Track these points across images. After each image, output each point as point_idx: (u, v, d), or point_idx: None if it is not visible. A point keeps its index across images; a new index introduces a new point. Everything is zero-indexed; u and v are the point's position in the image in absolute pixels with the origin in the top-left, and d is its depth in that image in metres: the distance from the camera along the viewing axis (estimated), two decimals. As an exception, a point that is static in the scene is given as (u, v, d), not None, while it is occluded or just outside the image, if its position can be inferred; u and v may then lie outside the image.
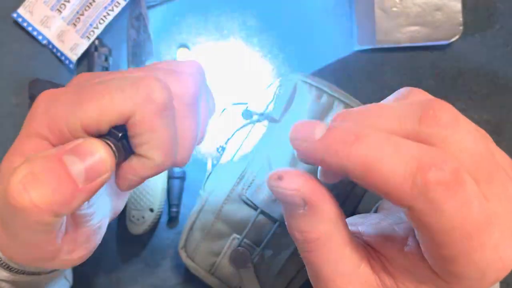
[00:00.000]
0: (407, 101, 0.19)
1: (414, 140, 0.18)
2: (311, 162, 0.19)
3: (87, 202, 0.22)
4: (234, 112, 0.46)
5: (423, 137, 0.18)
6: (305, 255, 0.20)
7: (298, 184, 0.19)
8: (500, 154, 0.19)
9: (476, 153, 0.17)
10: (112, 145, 0.20)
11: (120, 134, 0.21)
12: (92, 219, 0.24)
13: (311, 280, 0.21)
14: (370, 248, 0.21)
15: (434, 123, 0.18)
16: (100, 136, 0.21)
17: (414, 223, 0.17)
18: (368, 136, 0.17)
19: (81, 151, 0.19)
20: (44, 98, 0.22)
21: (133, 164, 0.22)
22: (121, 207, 0.30)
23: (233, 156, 0.42)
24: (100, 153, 0.19)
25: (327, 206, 0.19)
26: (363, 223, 0.22)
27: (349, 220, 0.24)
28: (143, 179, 0.22)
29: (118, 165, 0.21)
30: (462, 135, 0.17)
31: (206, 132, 0.28)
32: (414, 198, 0.16)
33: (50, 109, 0.21)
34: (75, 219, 0.23)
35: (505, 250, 0.17)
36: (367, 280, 0.20)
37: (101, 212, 0.25)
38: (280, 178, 0.19)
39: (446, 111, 0.18)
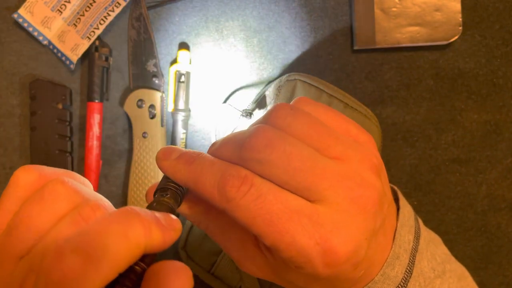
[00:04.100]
0: (248, 128, 0.24)
1: (241, 164, 0.22)
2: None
3: None
4: (233, 112, 0.46)
5: (245, 161, 0.22)
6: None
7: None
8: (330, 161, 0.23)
9: (290, 169, 0.21)
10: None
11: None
12: None
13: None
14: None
15: (249, 150, 0.22)
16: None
17: (235, 220, 0.22)
18: (198, 158, 0.24)
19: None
20: None
21: None
22: None
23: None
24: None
25: (192, 211, 0.27)
26: None
27: None
28: None
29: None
30: (274, 157, 0.21)
31: None
32: (221, 200, 0.22)
33: None
34: None
35: (324, 236, 0.21)
36: (254, 253, 0.25)
37: None
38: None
39: (258, 138, 0.22)
